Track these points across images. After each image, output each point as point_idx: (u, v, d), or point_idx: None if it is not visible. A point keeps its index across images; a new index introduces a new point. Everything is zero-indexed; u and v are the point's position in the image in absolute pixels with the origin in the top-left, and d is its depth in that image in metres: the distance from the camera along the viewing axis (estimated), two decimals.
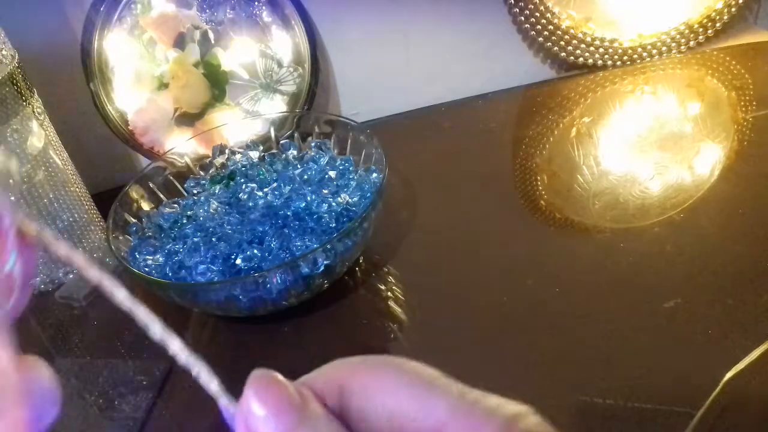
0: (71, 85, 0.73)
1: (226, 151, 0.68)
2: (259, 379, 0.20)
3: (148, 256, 0.56)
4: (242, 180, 0.64)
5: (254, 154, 0.67)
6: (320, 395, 0.21)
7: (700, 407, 0.41)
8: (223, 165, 0.67)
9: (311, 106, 0.78)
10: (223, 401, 0.21)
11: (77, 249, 0.20)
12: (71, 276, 0.62)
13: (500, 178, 0.70)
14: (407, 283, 0.58)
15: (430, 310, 0.54)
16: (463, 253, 0.60)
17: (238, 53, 0.75)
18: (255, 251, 0.54)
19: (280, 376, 0.20)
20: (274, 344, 0.54)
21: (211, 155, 0.67)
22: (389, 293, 0.57)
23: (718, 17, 0.83)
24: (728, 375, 0.42)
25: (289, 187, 0.60)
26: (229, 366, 0.53)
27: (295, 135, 0.69)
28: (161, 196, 0.64)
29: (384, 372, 0.21)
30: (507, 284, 0.55)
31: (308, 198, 0.58)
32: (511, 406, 0.20)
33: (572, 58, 0.84)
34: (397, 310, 0.55)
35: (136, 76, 0.73)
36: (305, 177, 0.62)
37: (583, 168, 0.68)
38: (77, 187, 0.62)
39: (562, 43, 0.83)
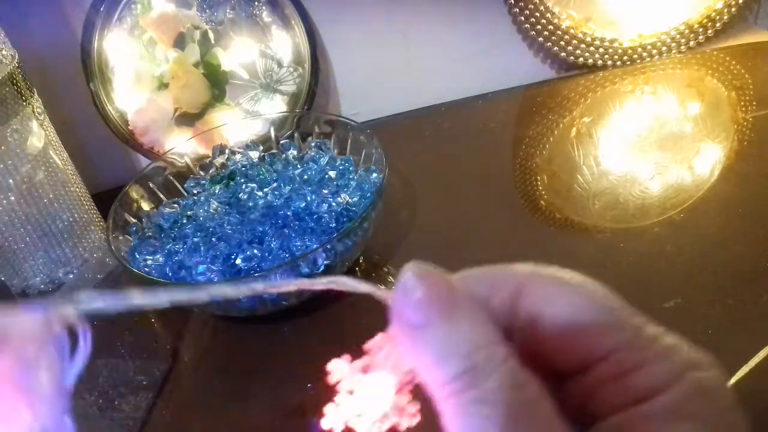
0: (71, 85, 0.72)
1: (226, 151, 0.68)
2: (418, 266, 0.20)
3: (148, 256, 0.56)
4: (242, 180, 0.63)
5: (254, 154, 0.67)
6: (491, 288, 0.21)
7: None
8: (223, 165, 0.67)
9: (311, 106, 0.78)
10: (379, 293, 0.22)
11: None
12: (71, 276, 0.62)
13: (500, 178, 0.70)
14: None
15: None
16: (463, 253, 0.60)
17: (238, 53, 0.75)
18: (255, 251, 0.54)
19: (435, 269, 0.20)
20: (274, 344, 0.54)
21: (211, 155, 0.67)
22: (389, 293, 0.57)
23: (718, 17, 0.83)
24: (732, 380, 0.42)
25: (289, 187, 0.60)
26: (228, 366, 0.53)
27: (295, 135, 0.69)
28: (161, 196, 0.64)
29: (571, 287, 0.20)
30: None
31: (308, 198, 0.58)
32: (690, 352, 0.19)
33: (572, 58, 0.84)
34: None
35: (136, 76, 0.73)
36: (305, 177, 0.62)
37: (583, 168, 0.68)
38: (77, 187, 0.62)
39: (562, 43, 0.83)
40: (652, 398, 0.18)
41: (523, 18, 0.81)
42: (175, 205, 0.62)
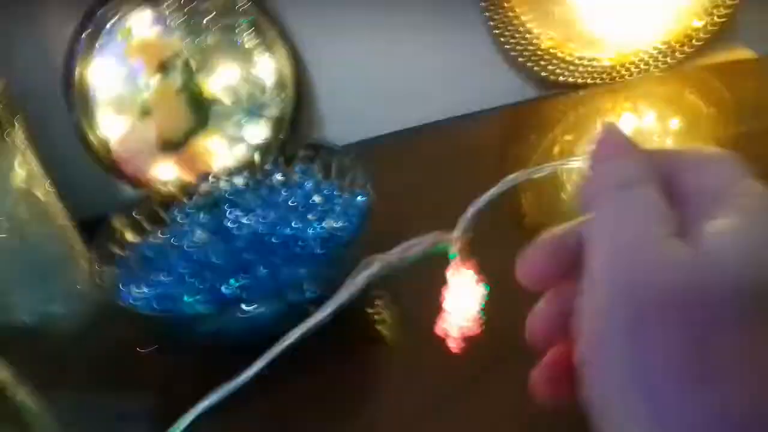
0: (54, 114, 0.72)
1: (210, 178, 0.67)
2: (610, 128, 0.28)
3: (133, 288, 0.55)
4: (227, 207, 0.63)
5: (238, 181, 0.67)
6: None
7: None
8: (207, 192, 0.66)
9: (295, 131, 0.78)
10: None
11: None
12: (59, 309, 0.61)
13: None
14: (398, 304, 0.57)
15: (423, 329, 0.54)
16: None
17: (221, 79, 0.75)
18: (241, 279, 0.54)
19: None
20: None
21: (195, 182, 0.67)
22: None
23: (697, 35, 0.84)
24: None
25: (275, 214, 0.60)
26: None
27: (280, 160, 0.68)
28: (145, 225, 0.63)
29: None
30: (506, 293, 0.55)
31: (294, 224, 0.58)
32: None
33: (553, 77, 0.85)
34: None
35: (119, 104, 0.73)
36: (290, 203, 0.62)
37: (567, 186, 0.68)
38: (60, 219, 0.62)
39: (543, 62, 0.83)
40: None
41: (503, 39, 0.81)
42: (160, 235, 0.62)
